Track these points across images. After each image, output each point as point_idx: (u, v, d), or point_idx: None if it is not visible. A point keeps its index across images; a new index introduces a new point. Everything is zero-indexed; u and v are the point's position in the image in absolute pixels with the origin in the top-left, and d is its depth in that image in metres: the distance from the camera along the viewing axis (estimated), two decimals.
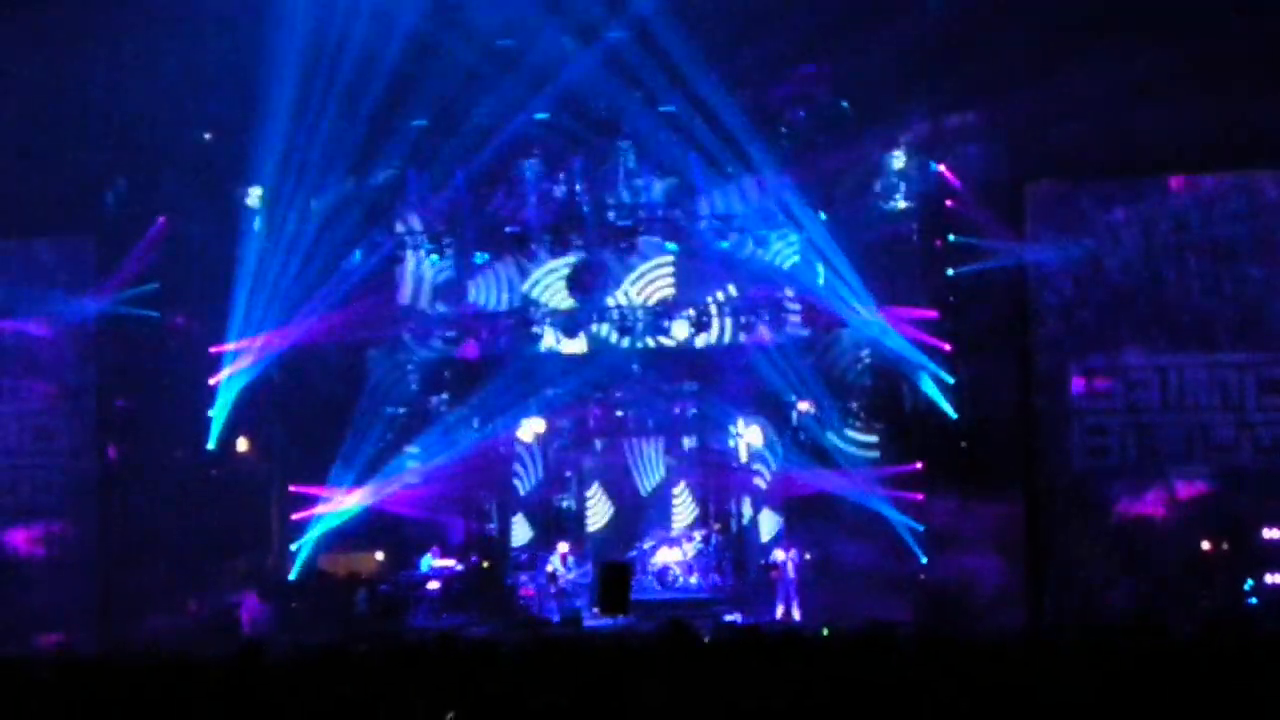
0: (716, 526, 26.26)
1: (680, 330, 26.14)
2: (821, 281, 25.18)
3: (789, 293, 25.81)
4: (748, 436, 26.27)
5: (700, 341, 26.23)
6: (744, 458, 26.40)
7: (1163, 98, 20.37)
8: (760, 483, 26.36)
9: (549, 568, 24.90)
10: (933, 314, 24.07)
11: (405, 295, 26.69)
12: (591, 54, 23.57)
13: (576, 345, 26.52)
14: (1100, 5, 21.16)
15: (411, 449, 26.29)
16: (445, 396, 27.04)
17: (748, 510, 26.53)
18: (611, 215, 26.19)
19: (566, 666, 10.83)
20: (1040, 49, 21.66)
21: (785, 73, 25.01)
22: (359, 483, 25.54)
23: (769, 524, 26.25)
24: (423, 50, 24.01)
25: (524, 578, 25.49)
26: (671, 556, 25.57)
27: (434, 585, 24.84)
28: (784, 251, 25.87)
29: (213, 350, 24.77)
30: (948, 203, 23.45)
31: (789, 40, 23.58)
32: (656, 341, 26.32)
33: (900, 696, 9.40)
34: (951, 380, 23.65)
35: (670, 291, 26.38)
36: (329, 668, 11.06)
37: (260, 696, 10.47)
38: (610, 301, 26.37)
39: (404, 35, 23.21)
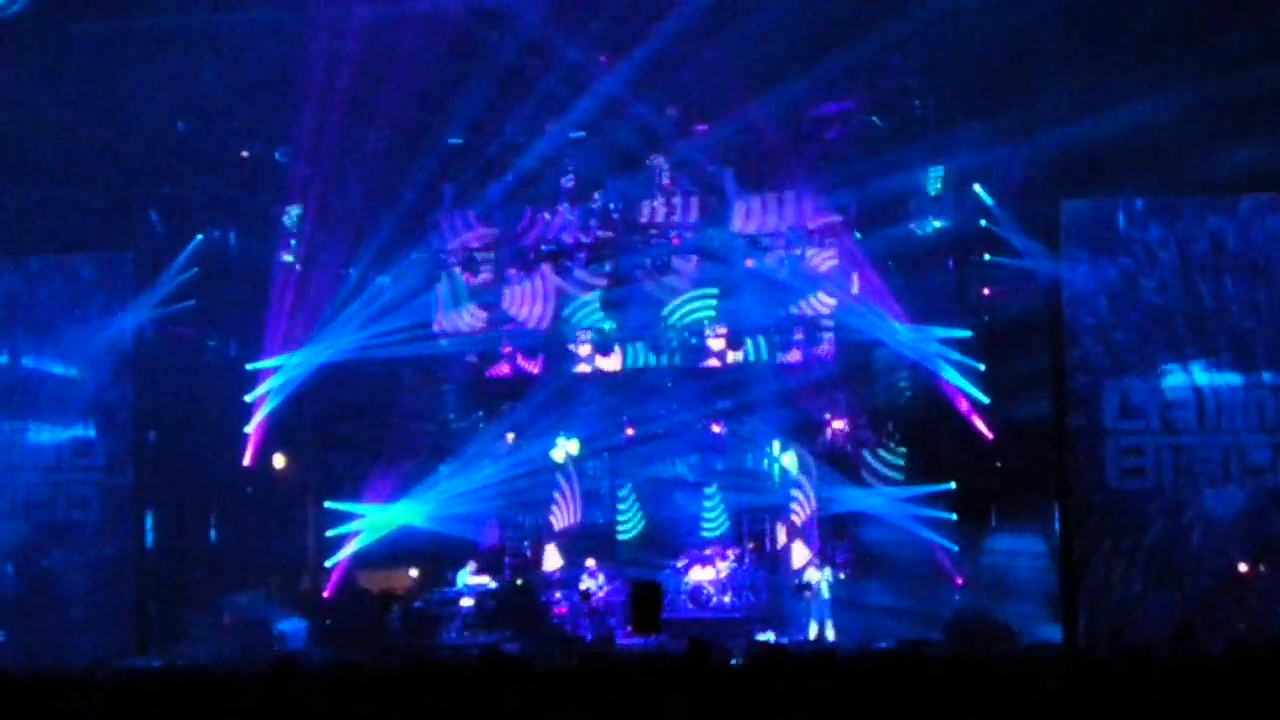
0: (750, 545, 26.18)
1: (715, 348, 26.12)
2: (856, 300, 25.15)
3: (823, 311, 25.78)
4: (782, 458, 26.20)
5: (734, 360, 26.21)
6: (778, 478, 26.32)
7: (1200, 117, 20.29)
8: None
9: (582, 586, 24.87)
10: (967, 333, 24.05)
11: (441, 311, 26.74)
12: (626, 71, 23.63)
13: (611, 363, 26.54)
14: (1138, 28, 21.11)
15: (446, 467, 26.34)
16: (480, 414, 27.09)
17: (781, 530, 26.43)
18: (645, 233, 26.23)
19: (597, 685, 10.82)
20: (1077, 69, 21.63)
21: (821, 91, 25.03)
22: (394, 500, 25.65)
23: (803, 544, 26.14)
24: (457, 68, 24.15)
25: (558, 596, 25.47)
26: (705, 575, 25.47)
27: (467, 603, 24.83)
28: (818, 270, 25.85)
29: (249, 367, 24.94)
30: (983, 222, 23.41)
31: (825, 59, 23.62)
32: (691, 360, 26.31)
33: (930, 717, 9.38)
34: (986, 400, 23.61)
35: (711, 314, 26.34)
36: (360, 684, 11.08)
37: (291, 712, 10.51)
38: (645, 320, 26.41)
39: (439, 53, 23.31)
